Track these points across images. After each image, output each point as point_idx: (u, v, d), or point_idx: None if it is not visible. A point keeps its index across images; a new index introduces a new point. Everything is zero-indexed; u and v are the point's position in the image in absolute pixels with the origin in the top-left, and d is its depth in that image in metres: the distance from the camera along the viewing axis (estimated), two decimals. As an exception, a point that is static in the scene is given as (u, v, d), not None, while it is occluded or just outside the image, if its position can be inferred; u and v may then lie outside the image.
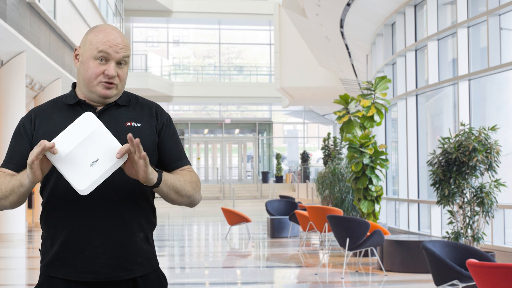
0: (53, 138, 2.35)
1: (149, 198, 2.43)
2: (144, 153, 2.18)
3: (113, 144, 2.20)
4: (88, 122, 2.21)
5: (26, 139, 2.40)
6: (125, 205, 2.35)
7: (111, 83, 2.37)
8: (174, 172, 2.46)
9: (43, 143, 2.14)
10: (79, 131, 2.19)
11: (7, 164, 2.39)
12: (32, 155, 2.14)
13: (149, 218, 2.44)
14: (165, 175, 2.33)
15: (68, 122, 2.37)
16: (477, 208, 7.39)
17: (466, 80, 10.49)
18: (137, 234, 2.39)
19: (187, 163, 2.51)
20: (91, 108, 2.42)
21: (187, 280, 8.93)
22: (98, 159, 2.18)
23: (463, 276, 5.57)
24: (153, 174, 2.25)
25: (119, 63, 2.38)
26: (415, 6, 12.66)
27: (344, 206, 13.86)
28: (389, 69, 14.21)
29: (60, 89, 16.31)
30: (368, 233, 8.65)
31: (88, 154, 2.18)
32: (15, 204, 2.33)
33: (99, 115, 2.41)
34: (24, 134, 2.41)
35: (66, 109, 2.43)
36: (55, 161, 2.18)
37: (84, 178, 2.18)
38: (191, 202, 2.46)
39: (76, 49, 2.44)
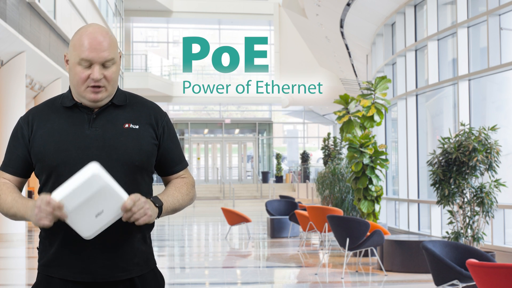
0: (51, 140, 2.36)
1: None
2: (142, 220, 2.25)
3: (119, 198, 2.23)
4: (95, 180, 2.20)
5: (23, 143, 2.41)
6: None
7: (98, 87, 2.36)
8: (171, 186, 2.50)
9: (50, 203, 2.18)
10: (85, 188, 2.20)
11: (6, 167, 2.43)
12: (42, 218, 2.19)
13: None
14: (165, 204, 2.38)
15: (66, 124, 2.39)
16: (477, 208, 7.38)
17: (466, 80, 10.49)
18: (134, 235, 2.40)
19: (185, 165, 2.55)
20: (88, 110, 2.41)
21: (187, 280, 8.92)
22: (103, 211, 2.23)
23: (463, 276, 5.56)
24: (154, 216, 2.31)
25: (105, 65, 2.36)
26: (415, 6, 12.66)
27: (344, 206, 13.85)
28: (389, 69, 14.21)
29: (60, 89, 16.31)
30: (368, 233, 8.65)
31: (93, 207, 2.22)
32: (16, 220, 2.42)
33: (97, 116, 2.41)
34: (21, 138, 2.42)
35: (63, 110, 2.43)
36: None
37: (89, 228, 2.24)
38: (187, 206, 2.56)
39: (65, 55, 2.44)
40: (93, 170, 2.21)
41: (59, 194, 2.20)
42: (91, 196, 2.20)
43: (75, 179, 2.21)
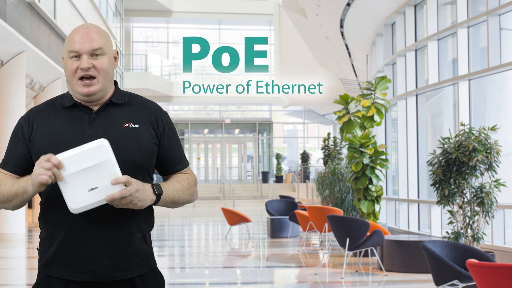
0: (51, 139, 2.36)
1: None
2: (126, 206, 2.25)
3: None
4: (100, 151, 2.22)
5: (23, 141, 2.42)
6: (123, 206, 2.35)
7: (89, 78, 2.37)
8: (173, 178, 2.50)
9: (51, 160, 2.18)
10: (89, 156, 2.21)
11: (5, 165, 2.43)
12: (41, 173, 2.18)
13: (147, 219, 2.46)
14: (164, 194, 2.38)
15: (66, 123, 2.39)
16: (477, 208, 7.38)
17: (466, 80, 10.49)
18: (135, 234, 2.40)
19: (186, 164, 2.55)
20: (88, 109, 2.42)
21: (187, 280, 8.93)
22: (97, 187, 2.22)
23: (463, 276, 5.56)
24: (149, 200, 2.31)
25: (93, 54, 2.38)
26: (415, 6, 12.66)
27: (344, 206, 13.85)
28: (389, 69, 14.21)
29: (60, 89, 16.31)
30: (368, 233, 8.65)
31: (89, 180, 2.22)
32: (17, 207, 2.38)
33: (96, 114, 2.41)
34: (21, 136, 2.43)
35: (63, 110, 2.44)
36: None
37: (79, 201, 2.22)
38: (187, 204, 2.55)
39: (63, 57, 2.46)
40: (102, 142, 2.23)
41: (62, 154, 2.22)
42: (92, 167, 2.20)
43: (82, 146, 2.24)
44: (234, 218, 13.53)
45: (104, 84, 2.41)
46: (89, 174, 2.21)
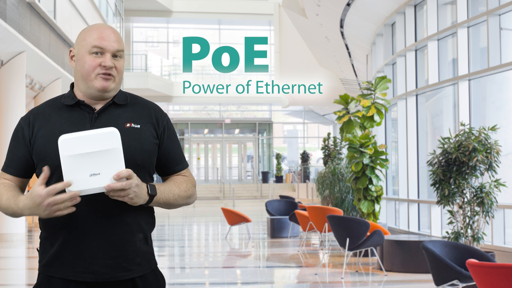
0: (52, 139, 2.36)
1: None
2: (122, 199, 2.26)
3: (121, 169, 2.24)
4: (110, 138, 2.22)
5: (24, 144, 2.42)
6: (125, 206, 2.36)
7: (109, 75, 2.39)
8: (171, 180, 2.51)
9: (55, 198, 2.20)
10: (98, 140, 2.21)
11: (7, 168, 2.44)
12: (58, 209, 2.21)
13: (148, 219, 2.47)
14: (158, 195, 2.38)
15: (67, 123, 2.40)
16: (477, 208, 7.38)
17: (466, 80, 10.49)
18: (136, 234, 2.40)
19: (186, 165, 2.56)
20: (90, 108, 2.43)
21: (187, 280, 8.93)
22: (99, 173, 2.21)
23: (463, 276, 5.57)
24: (142, 199, 2.31)
25: (114, 55, 2.41)
26: (415, 6, 12.66)
27: (344, 206, 13.85)
28: (389, 69, 14.21)
29: (60, 89, 16.31)
30: (368, 233, 8.65)
31: (93, 165, 2.21)
32: (20, 216, 2.41)
33: (98, 115, 2.42)
34: (21, 138, 2.43)
35: (64, 109, 2.44)
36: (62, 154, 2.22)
37: (79, 183, 2.22)
38: (184, 206, 2.56)
39: (71, 51, 2.47)
40: (113, 129, 2.24)
41: (72, 134, 2.21)
42: (99, 152, 2.20)
43: (93, 130, 2.24)
44: (234, 218, 13.53)
45: (118, 85, 2.45)
46: (95, 159, 2.20)
